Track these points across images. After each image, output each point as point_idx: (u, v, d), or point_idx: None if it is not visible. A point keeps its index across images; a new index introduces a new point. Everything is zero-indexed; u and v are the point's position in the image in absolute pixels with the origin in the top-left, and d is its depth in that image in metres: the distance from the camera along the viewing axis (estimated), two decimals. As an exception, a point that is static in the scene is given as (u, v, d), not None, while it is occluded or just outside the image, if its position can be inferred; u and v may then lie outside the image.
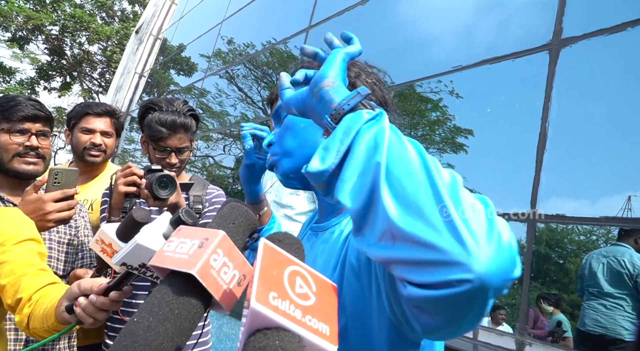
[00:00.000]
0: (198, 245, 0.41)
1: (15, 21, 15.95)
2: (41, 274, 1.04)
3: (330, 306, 0.40)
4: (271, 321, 0.34)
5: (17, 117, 1.37)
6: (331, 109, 0.54)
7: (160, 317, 0.36)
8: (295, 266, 0.41)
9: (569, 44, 2.21)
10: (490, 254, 0.38)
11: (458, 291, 0.38)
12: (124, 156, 8.28)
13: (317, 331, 0.36)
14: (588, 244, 2.19)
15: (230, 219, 0.48)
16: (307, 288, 0.39)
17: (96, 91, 19.13)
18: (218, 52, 6.60)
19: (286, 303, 0.36)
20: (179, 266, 0.39)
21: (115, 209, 1.39)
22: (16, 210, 1.18)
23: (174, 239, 0.43)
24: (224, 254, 0.41)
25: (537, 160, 2.15)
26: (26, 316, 0.99)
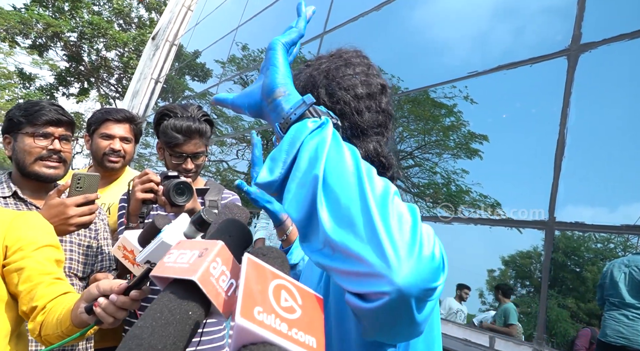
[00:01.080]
0: (198, 255, 0.43)
1: (35, 28, 16.33)
2: (56, 284, 1.05)
3: (317, 318, 0.40)
4: (257, 336, 0.34)
5: (41, 122, 1.39)
6: (281, 117, 0.55)
7: (162, 322, 0.38)
8: (280, 280, 0.41)
9: (588, 49, 2.18)
10: (409, 266, 0.40)
11: (380, 302, 0.41)
12: (139, 161, 8.38)
13: (303, 343, 0.36)
14: (605, 252, 2.15)
15: (227, 232, 0.50)
16: (292, 301, 0.40)
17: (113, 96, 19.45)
18: (232, 58, 6.66)
19: (272, 317, 0.36)
20: (180, 274, 0.41)
21: (133, 215, 1.41)
22: (36, 215, 1.19)
23: (174, 251, 0.45)
24: (223, 263, 0.43)
25: (556, 167, 2.12)
26: (39, 324, 1.00)
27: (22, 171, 1.42)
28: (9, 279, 1.04)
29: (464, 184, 2.80)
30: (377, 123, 0.77)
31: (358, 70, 0.78)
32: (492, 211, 2.58)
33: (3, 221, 1.09)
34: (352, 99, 0.75)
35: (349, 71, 0.77)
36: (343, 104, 0.74)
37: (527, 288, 2.56)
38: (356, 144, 0.75)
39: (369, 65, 0.81)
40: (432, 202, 3.04)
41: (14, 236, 1.07)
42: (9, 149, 1.44)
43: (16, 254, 1.05)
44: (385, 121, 0.78)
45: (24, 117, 1.39)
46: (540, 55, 2.43)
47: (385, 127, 0.79)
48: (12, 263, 1.04)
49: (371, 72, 0.79)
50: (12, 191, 1.40)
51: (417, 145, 3.33)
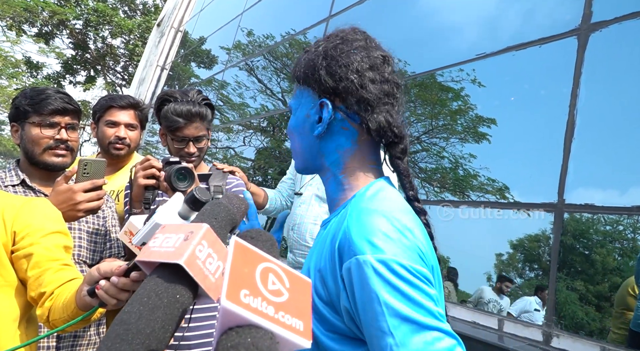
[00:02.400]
0: (183, 238, 0.43)
1: (41, 16, 16.31)
2: (64, 270, 1.06)
3: (304, 301, 0.40)
4: (243, 319, 0.34)
5: (47, 111, 1.39)
6: None
7: (150, 306, 0.38)
8: (268, 263, 0.41)
9: (599, 28, 2.13)
10: None
11: None
12: (147, 148, 8.42)
13: (290, 327, 0.36)
14: (615, 234, 2.14)
15: (213, 215, 0.50)
16: (280, 285, 0.39)
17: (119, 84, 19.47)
18: (238, 44, 6.62)
19: (258, 300, 0.36)
20: (166, 258, 0.41)
21: (136, 201, 1.42)
22: (44, 201, 1.19)
23: (159, 236, 0.45)
24: (209, 245, 0.43)
25: (565, 149, 2.10)
26: (47, 310, 1.01)
27: (30, 160, 1.43)
28: (18, 265, 1.06)
29: (472, 168, 2.79)
30: (384, 93, 0.76)
31: (356, 45, 0.78)
32: (501, 195, 2.57)
33: (12, 207, 1.10)
34: (354, 74, 0.74)
35: (346, 47, 0.77)
36: (346, 81, 0.74)
37: (536, 271, 2.56)
38: (366, 118, 0.75)
39: (367, 38, 0.81)
40: (439, 186, 3.03)
41: (22, 222, 1.08)
42: (17, 137, 1.45)
43: (25, 240, 1.06)
44: (393, 90, 0.78)
45: (30, 106, 1.40)
46: (549, 36, 2.38)
47: (394, 97, 0.78)
48: (21, 249, 1.05)
49: (370, 45, 0.79)
50: (20, 179, 1.42)
51: (424, 129, 3.30)
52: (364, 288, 0.59)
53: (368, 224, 0.64)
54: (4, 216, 1.07)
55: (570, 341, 1.97)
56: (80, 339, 1.46)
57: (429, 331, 0.57)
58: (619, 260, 2.12)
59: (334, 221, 0.76)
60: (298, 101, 0.83)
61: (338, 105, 0.77)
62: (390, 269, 0.59)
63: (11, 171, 1.45)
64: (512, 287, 2.69)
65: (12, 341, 1.03)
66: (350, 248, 0.62)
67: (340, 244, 0.66)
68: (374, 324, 0.58)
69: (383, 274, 0.59)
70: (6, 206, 1.09)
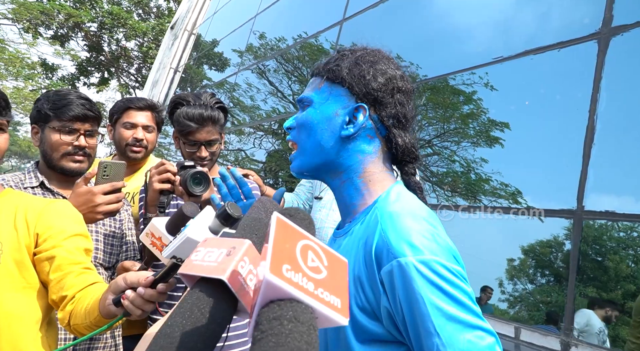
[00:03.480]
0: (226, 253, 0.43)
1: (57, 19, 16.59)
2: (86, 273, 1.06)
3: (341, 280, 0.40)
4: (285, 293, 0.34)
5: (68, 117, 1.39)
6: None
7: (193, 320, 0.39)
8: (307, 240, 0.41)
9: (620, 32, 2.10)
10: None
11: None
12: (159, 150, 8.49)
13: (329, 303, 0.36)
14: (628, 241, 2.10)
15: (253, 231, 0.51)
16: (318, 262, 0.40)
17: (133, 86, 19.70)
18: (250, 47, 6.66)
19: (299, 276, 0.36)
20: (209, 273, 0.41)
21: (151, 205, 1.42)
22: (66, 203, 1.20)
23: (201, 249, 0.45)
24: (250, 262, 0.43)
25: (585, 155, 2.06)
26: (68, 313, 1.01)
27: (48, 163, 1.44)
28: (40, 267, 1.06)
29: (484, 173, 2.76)
30: (413, 116, 0.84)
31: (395, 66, 0.86)
32: (513, 200, 2.53)
33: (34, 209, 1.10)
34: (398, 93, 0.83)
35: (389, 66, 0.84)
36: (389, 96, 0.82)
37: (547, 278, 2.52)
38: (397, 134, 0.81)
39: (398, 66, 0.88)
40: (450, 190, 3.00)
41: (45, 224, 1.08)
42: (37, 139, 1.46)
43: (47, 242, 1.06)
44: (415, 115, 0.86)
45: (51, 111, 1.40)
46: (568, 40, 2.35)
47: (415, 121, 0.86)
48: (43, 252, 1.06)
49: (404, 73, 0.87)
50: (39, 181, 1.43)
51: (436, 133, 3.28)
52: (407, 290, 0.60)
53: (403, 226, 0.66)
54: (27, 218, 1.08)
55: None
56: (97, 342, 1.46)
57: (473, 330, 0.59)
58: (633, 267, 2.08)
59: (358, 228, 0.77)
60: (324, 96, 0.83)
61: (372, 114, 0.81)
62: (432, 269, 0.60)
63: (30, 173, 1.45)
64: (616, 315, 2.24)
65: (33, 344, 1.03)
66: (390, 251, 0.64)
67: (377, 248, 0.66)
68: (420, 325, 0.60)
69: (426, 275, 0.60)
70: (29, 207, 1.10)
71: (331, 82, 0.83)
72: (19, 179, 1.43)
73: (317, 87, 0.85)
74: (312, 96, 0.85)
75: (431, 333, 0.58)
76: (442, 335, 0.58)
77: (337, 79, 0.82)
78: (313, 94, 0.85)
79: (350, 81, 0.81)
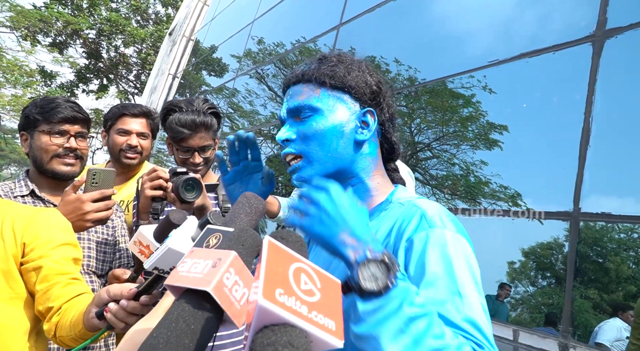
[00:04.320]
0: (212, 265, 0.43)
1: (55, 26, 16.62)
2: (73, 284, 1.04)
3: (335, 302, 0.41)
4: (278, 318, 0.35)
5: (56, 119, 1.39)
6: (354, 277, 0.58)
7: (178, 332, 0.38)
8: (300, 263, 0.42)
9: (614, 35, 2.11)
10: None
11: None
12: (159, 156, 8.49)
13: (323, 326, 0.37)
14: (629, 242, 2.10)
15: (240, 241, 0.51)
16: (312, 285, 0.40)
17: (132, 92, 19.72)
18: (248, 52, 6.68)
19: (292, 300, 0.37)
20: (194, 285, 0.41)
21: (143, 212, 1.40)
22: (54, 211, 1.18)
23: (188, 260, 0.46)
24: (236, 273, 0.43)
25: (580, 157, 2.07)
26: (54, 325, 0.99)
27: (39, 168, 1.42)
28: (27, 277, 1.04)
29: (483, 175, 2.77)
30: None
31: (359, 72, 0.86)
32: (513, 202, 2.54)
33: (22, 218, 1.08)
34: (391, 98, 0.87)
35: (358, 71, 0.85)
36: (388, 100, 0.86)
37: (548, 280, 2.52)
38: (392, 134, 0.87)
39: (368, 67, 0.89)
40: (450, 194, 3.01)
41: (32, 234, 1.06)
42: (26, 146, 1.44)
43: (34, 252, 1.04)
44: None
45: (39, 115, 1.39)
46: (564, 42, 2.37)
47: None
48: (30, 262, 1.04)
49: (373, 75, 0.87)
50: (29, 189, 1.40)
51: (435, 136, 3.29)
52: (437, 251, 0.66)
53: (435, 207, 0.74)
54: (14, 227, 1.06)
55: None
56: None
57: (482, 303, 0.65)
58: (634, 268, 2.08)
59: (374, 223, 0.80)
60: (329, 103, 0.82)
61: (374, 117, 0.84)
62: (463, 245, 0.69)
63: (21, 182, 1.43)
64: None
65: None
66: (424, 222, 0.71)
67: (408, 224, 0.73)
68: (445, 286, 0.64)
69: (458, 244, 0.68)
70: (16, 216, 1.08)
71: (332, 88, 0.82)
72: (8, 188, 1.41)
73: (314, 94, 0.82)
74: (313, 103, 0.82)
75: (454, 294, 0.63)
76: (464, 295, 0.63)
77: (340, 85, 0.82)
78: (314, 102, 0.82)
79: (355, 86, 0.82)
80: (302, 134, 0.82)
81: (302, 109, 0.82)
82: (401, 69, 3.55)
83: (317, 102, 0.82)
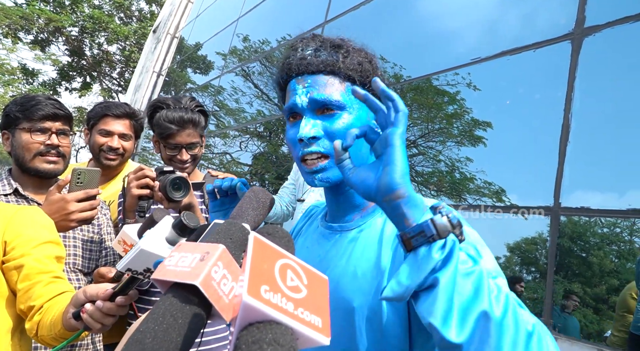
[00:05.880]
0: (199, 258, 0.42)
1: (37, 23, 16.31)
2: (55, 282, 1.04)
3: (322, 298, 0.40)
4: (263, 315, 0.34)
5: (37, 117, 1.37)
6: (403, 227, 0.56)
7: (165, 327, 0.37)
8: (286, 259, 0.41)
9: (592, 33, 2.15)
10: None
11: None
12: (144, 155, 8.41)
13: (309, 323, 0.36)
14: (612, 237, 2.14)
15: (228, 234, 0.50)
16: (298, 281, 0.40)
17: (115, 90, 19.46)
18: (234, 50, 6.64)
19: (278, 296, 0.36)
20: (182, 278, 0.41)
21: (129, 211, 1.39)
22: (36, 209, 1.17)
23: (175, 254, 0.45)
24: (224, 266, 0.42)
25: (560, 152, 2.11)
26: (35, 324, 0.98)
27: (21, 167, 1.40)
28: (8, 276, 1.03)
29: (468, 172, 2.80)
30: None
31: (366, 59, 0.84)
32: (497, 198, 2.57)
33: (3, 217, 1.07)
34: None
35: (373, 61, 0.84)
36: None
37: (533, 274, 2.56)
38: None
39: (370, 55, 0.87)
40: (436, 190, 3.04)
41: (13, 232, 1.06)
42: (8, 145, 1.43)
43: (15, 250, 1.04)
44: None
45: (20, 113, 1.37)
46: (544, 40, 2.40)
47: None
48: (11, 260, 1.03)
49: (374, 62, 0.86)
50: (12, 188, 1.39)
51: (420, 133, 3.31)
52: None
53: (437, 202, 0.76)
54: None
55: (568, 344, 1.97)
56: (78, 348, 1.44)
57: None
58: (617, 263, 2.13)
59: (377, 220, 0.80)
60: (350, 100, 0.78)
61: None
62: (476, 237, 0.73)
63: (3, 180, 1.42)
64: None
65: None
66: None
67: None
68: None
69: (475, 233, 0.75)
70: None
71: (355, 85, 0.78)
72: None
73: (340, 88, 0.78)
74: (341, 100, 0.77)
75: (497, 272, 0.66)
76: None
77: (365, 83, 0.79)
78: (341, 98, 0.77)
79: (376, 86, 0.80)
80: (330, 132, 0.76)
81: (329, 103, 0.76)
82: (387, 66, 3.56)
83: (344, 98, 0.77)
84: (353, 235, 0.80)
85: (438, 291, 0.51)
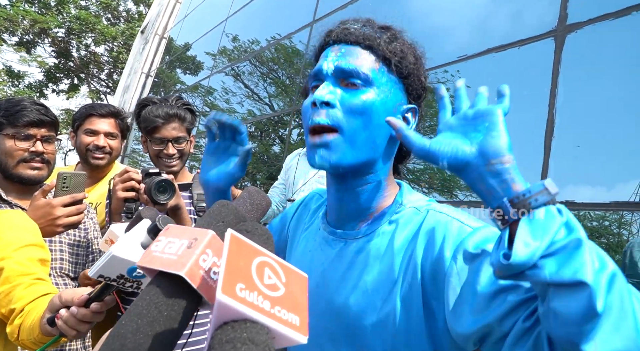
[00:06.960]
0: (187, 245, 0.40)
1: (22, 25, 16.08)
2: (37, 284, 1.01)
3: (301, 296, 0.39)
4: (238, 313, 0.33)
5: (22, 123, 1.34)
6: (512, 192, 0.53)
7: (149, 319, 0.36)
8: (264, 256, 0.39)
9: (574, 30, 2.19)
10: None
11: None
12: (133, 157, 8.35)
13: (286, 322, 0.35)
14: (601, 230, 2.19)
15: (220, 217, 0.47)
16: (276, 279, 0.38)
17: (104, 92, 19.27)
18: (223, 50, 6.62)
19: (254, 295, 0.35)
20: (167, 267, 0.38)
21: (115, 214, 1.38)
22: (19, 213, 1.15)
23: (162, 239, 0.42)
24: (214, 254, 0.40)
25: (545, 147, 2.15)
26: (17, 327, 0.96)
27: (4, 173, 1.37)
28: None
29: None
30: None
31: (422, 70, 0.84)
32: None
33: None
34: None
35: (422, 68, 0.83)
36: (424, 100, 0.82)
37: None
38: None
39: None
40: (427, 187, 3.07)
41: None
42: None
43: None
44: None
45: (4, 118, 1.34)
46: (528, 37, 2.44)
47: None
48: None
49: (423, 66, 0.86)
50: None
51: (411, 131, 3.34)
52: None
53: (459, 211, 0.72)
54: None
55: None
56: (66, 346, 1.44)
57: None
58: (605, 255, 2.17)
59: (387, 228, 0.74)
60: (385, 84, 0.73)
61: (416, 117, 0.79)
62: None
63: None
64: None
65: None
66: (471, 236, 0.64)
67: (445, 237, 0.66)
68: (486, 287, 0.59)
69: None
70: None
71: (390, 70, 0.73)
72: None
73: (373, 66, 0.72)
74: (370, 75, 0.70)
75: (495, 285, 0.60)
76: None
77: (404, 71, 0.74)
78: (371, 74, 0.71)
79: (412, 79, 0.76)
80: (347, 105, 0.69)
81: (356, 74, 0.70)
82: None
83: (374, 75, 0.71)
84: (360, 245, 0.75)
85: (583, 245, 0.46)
